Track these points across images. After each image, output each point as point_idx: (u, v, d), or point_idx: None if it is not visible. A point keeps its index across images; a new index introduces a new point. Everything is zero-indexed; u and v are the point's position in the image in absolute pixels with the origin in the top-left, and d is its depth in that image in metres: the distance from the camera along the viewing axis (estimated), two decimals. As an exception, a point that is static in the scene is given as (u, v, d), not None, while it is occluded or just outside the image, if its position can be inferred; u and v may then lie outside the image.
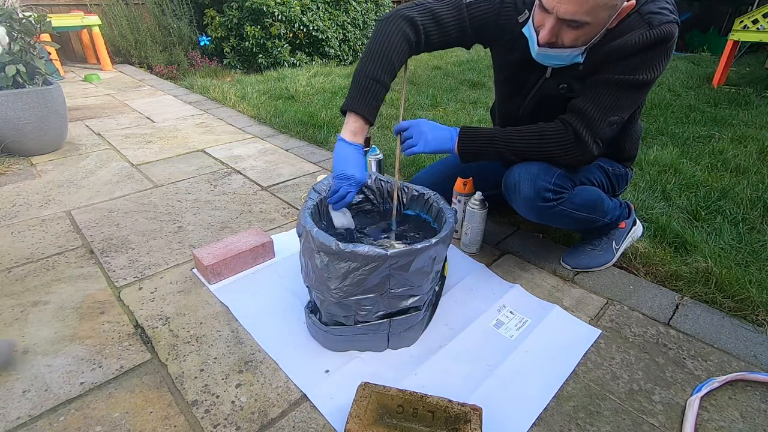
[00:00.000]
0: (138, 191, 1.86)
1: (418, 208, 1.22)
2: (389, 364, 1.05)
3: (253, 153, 2.33)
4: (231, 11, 4.06)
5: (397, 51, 1.11)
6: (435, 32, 1.15)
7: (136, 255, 1.43)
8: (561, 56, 1.05)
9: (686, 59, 5.15)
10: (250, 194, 1.86)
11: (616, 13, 0.97)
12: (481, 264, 1.43)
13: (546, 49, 1.03)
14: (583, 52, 1.04)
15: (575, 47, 1.02)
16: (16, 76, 1.99)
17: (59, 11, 4.13)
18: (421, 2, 1.16)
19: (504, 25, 1.15)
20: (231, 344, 1.09)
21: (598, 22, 0.96)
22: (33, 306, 1.19)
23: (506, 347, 1.11)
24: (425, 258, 0.94)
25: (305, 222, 0.96)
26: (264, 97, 3.30)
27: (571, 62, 1.07)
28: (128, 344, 1.08)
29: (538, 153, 1.17)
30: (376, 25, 1.14)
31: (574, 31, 0.98)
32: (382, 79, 1.09)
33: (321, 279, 0.96)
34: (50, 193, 1.82)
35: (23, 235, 1.52)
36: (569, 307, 1.25)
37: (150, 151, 2.31)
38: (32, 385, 0.97)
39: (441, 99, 3.34)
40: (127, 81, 3.87)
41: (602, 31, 1.00)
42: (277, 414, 0.92)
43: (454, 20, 1.14)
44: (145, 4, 4.44)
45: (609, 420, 0.92)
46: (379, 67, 1.09)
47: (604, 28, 0.99)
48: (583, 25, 0.96)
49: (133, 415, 0.91)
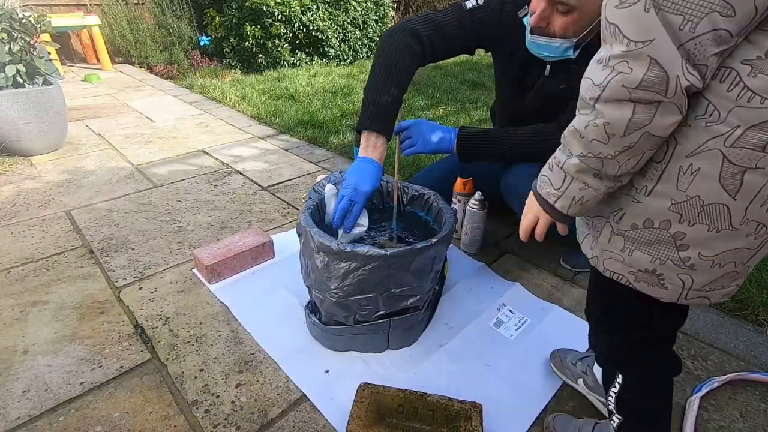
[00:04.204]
0: (138, 191, 1.86)
1: (418, 208, 1.22)
2: (389, 363, 1.05)
3: (253, 153, 2.33)
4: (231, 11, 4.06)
5: (404, 65, 1.11)
6: (439, 43, 1.15)
7: (136, 255, 1.43)
8: (552, 46, 1.05)
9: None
10: (250, 194, 1.86)
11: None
12: (481, 264, 1.43)
13: (537, 37, 1.04)
14: (575, 47, 1.04)
15: (565, 37, 1.02)
16: (16, 76, 1.99)
17: (59, 11, 4.13)
18: (423, 14, 1.16)
19: (507, 25, 1.15)
20: (231, 344, 1.09)
21: (586, 10, 0.96)
22: (33, 306, 1.19)
23: (506, 346, 1.11)
24: (425, 258, 0.94)
25: (305, 222, 0.96)
26: (264, 97, 3.30)
27: (562, 55, 1.06)
28: (128, 344, 1.08)
29: (537, 153, 1.17)
30: (381, 40, 1.15)
31: (564, 18, 0.98)
32: (392, 94, 1.09)
33: (321, 279, 0.96)
34: (50, 193, 1.82)
35: (23, 235, 1.52)
36: (569, 307, 1.25)
37: (150, 151, 2.31)
38: (32, 385, 0.97)
39: (441, 99, 3.34)
40: (127, 81, 3.87)
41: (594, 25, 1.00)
42: (277, 414, 0.92)
43: (457, 29, 1.15)
44: (145, 4, 4.44)
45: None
46: (388, 82, 1.09)
47: (596, 21, 0.99)
48: (572, 11, 0.96)
49: (133, 415, 0.91)
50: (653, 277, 0.59)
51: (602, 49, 0.52)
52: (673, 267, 0.57)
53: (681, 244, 0.55)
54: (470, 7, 1.14)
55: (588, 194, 0.58)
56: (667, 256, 0.57)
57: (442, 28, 1.14)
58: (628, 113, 0.49)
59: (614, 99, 0.49)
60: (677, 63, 0.45)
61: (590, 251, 0.67)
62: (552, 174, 0.62)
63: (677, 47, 0.45)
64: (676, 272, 0.57)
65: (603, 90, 0.50)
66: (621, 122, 0.50)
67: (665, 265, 0.58)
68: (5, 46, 1.94)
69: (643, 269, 0.60)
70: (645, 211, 0.57)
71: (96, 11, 4.28)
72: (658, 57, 0.45)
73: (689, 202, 0.53)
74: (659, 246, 0.57)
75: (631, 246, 0.60)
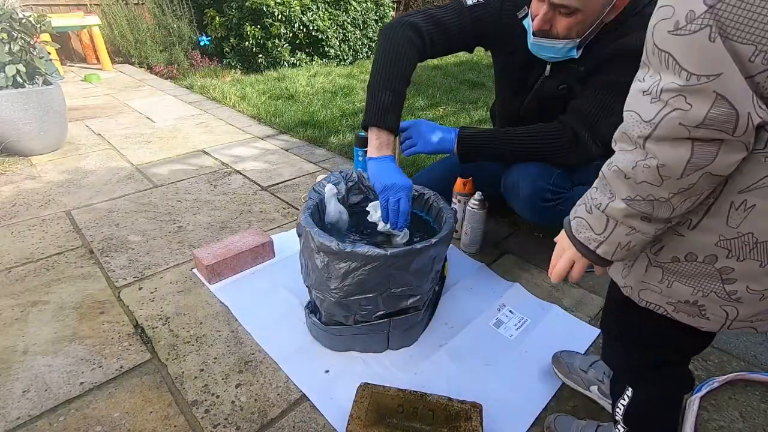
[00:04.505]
0: (138, 191, 1.86)
1: (418, 208, 1.22)
2: (389, 363, 1.05)
3: (253, 153, 2.33)
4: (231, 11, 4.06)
5: (406, 58, 1.10)
6: (439, 38, 1.15)
7: (136, 255, 1.43)
8: (555, 48, 1.04)
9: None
10: (250, 194, 1.86)
11: (610, 5, 0.96)
12: (481, 264, 1.43)
13: (540, 39, 1.03)
14: (578, 47, 1.04)
15: (569, 38, 1.01)
16: (16, 76, 1.99)
17: (59, 11, 4.13)
18: (423, 9, 1.16)
19: (506, 24, 1.15)
20: (231, 344, 1.09)
21: (589, 10, 0.96)
22: (33, 306, 1.19)
23: (506, 346, 1.11)
24: (425, 258, 0.94)
25: (305, 222, 0.96)
26: (264, 97, 3.30)
27: (565, 56, 1.06)
28: (128, 344, 1.08)
29: (537, 153, 1.17)
30: (381, 34, 1.14)
31: (567, 19, 0.98)
32: (396, 89, 1.08)
33: (321, 279, 0.96)
34: (50, 193, 1.82)
35: (23, 235, 1.52)
36: (569, 307, 1.25)
37: (150, 151, 2.30)
38: (32, 385, 0.97)
39: (441, 99, 3.34)
40: (127, 81, 3.87)
41: (597, 24, 0.99)
42: (277, 414, 0.92)
43: (456, 25, 1.15)
44: (145, 4, 4.44)
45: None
46: (391, 76, 1.09)
47: (599, 19, 0.98)
48: (575, 12, 0.96)
49: (133, 415, 0.91)
50: (694, 308, 0.55)
51: (647, 76, 0.46)
52: (716, 299, 0.53)
53: (728, 278, 0.51)
54: (470, 5, 1.14)
55: (636, 239, 0.53)
56: (711, 289, 0.53)
57: (442, 24, 1.14)
58: (685, 154, 0.44)
59: (670, 138, 0.44)
60: (748, 98, 0.40)
61: (622, 280, 0.62)
62: (591, 217, 0.55)
63: (746, 80, 0.40)
64: (720, 304, 0.53)
65: (655, 128, 0.44)
66: (678, 163, 0.44)
67: (708, 297, 0.53)
68: (5, 46, 1.94)
69: (683, 300, 0.55)
70: (688, 246, 0.52)
71: (96, 11, 4.28)
72: (727, 93, 0.40)
73: (741, 239, 0.49)
74: (702, 279, 0.53)
75: (671, 278, 0.55)
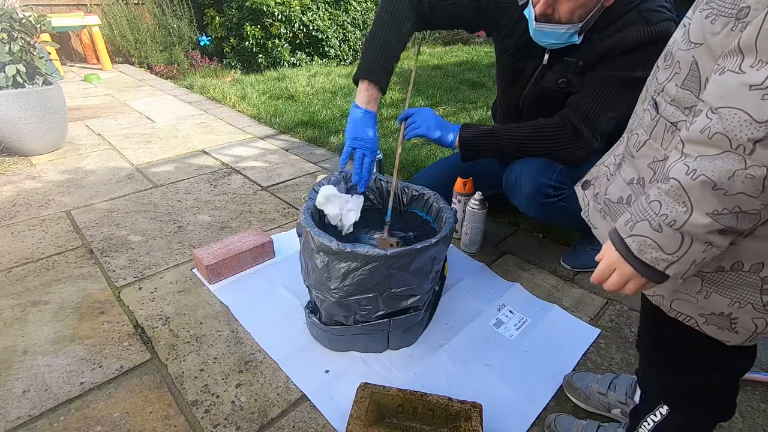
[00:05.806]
0: (138, 191, 1.86)
1: (418, 208, 1.22)
2: (389, 363, 1.05)
3: (253, 153, 2.33)
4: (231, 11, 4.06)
5: (405, 17, 1.13)
6: (438, 4, 1.18)
7: (136, 255, 1.43)
8: (557, 33, 1.05)
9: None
10: (250, 194, 1.86)
11: None
12: (481, 264, 1.43)
13: (543, 24, 1.05)
14: (580, 33, 1.05)
15: (571, 23, 1.03)
16: (16, 76, 1.99)
17: (59, 11, 4.13)
18: None
19: (504, 9, 1.18)
20: (231, 344, 1.09)
21: None
22: (33, 306, 1.19)
23: (506, 346, 1.11)
24: (425, 258, 0.94)
25: (305, 222, 0.96)
26: (264, 96, 3.30)
27: (567, 41, 1.07)
28: (128, 344, 1.08)
29: (537, 147, 1.18)
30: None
31: (569, 2, 1.00)
32: (392, 46, 1.12)
33: (321, 279, 0.96)
34: (50, 193, 1.82)
35: (23, 235, 1.52)
36: (569, 307, 1.25)
37: (150, 151, 2.30)
38: (32, 385, 0.97)
39: (441, 99, 3.34)
40: (127, 81, 3.87)
41: (598, 8, 1.01)
42: (277, 414, 0.92)
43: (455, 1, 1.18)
44: (145, 4, 4.43)
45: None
46: (389, 34, 1.12)
47: (600, 3, 1.01)
48: None
49: (133, 415, 0.91)
50: (725, 321, 0.54)
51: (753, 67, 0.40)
52: (751, 311, 0.52)
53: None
54: None
55: (710, 254, 0.47)
56: (749, 300, 0.51)
57: None
58: None
59: None
60: None
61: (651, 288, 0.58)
62: (661, 236, 0.48)
63: None
64: (753, 316, 0.52)
65: None
66: None
67: (744, 308, 0.52)
68: (5, 46, 1.94)
69: (717, 313, 0.54)
70: (737, 254, 0.50)
71: (96, 11, 4.28)
72: None
73: None
74: (743, 289, 0.51)
75: (710, 288, 0.53)
